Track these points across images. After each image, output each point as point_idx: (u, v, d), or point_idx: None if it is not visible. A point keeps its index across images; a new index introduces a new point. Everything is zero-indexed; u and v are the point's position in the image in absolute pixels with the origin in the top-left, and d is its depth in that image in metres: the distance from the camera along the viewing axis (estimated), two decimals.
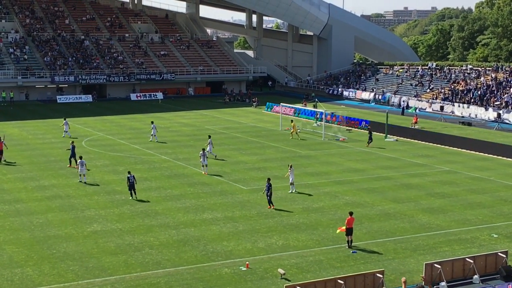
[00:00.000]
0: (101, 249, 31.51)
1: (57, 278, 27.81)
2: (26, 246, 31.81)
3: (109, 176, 46.85)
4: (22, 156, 53.57)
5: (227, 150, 56.20)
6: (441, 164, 52.57)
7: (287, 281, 27.22)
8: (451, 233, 34.57)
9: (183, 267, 29.28)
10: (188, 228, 34.81)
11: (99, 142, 60.95)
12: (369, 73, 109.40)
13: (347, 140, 63.39)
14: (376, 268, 28.39)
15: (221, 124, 66.24)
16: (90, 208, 38.50)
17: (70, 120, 69.84)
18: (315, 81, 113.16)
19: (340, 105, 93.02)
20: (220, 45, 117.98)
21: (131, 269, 28.89)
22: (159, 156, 54.37)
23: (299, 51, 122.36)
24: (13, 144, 57.73)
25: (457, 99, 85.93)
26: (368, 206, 39.71)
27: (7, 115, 79.61)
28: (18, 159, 52.31)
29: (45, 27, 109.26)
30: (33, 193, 41.93)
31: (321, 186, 44.56)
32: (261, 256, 30.73)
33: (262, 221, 36.31)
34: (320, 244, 32.60)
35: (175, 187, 43.87)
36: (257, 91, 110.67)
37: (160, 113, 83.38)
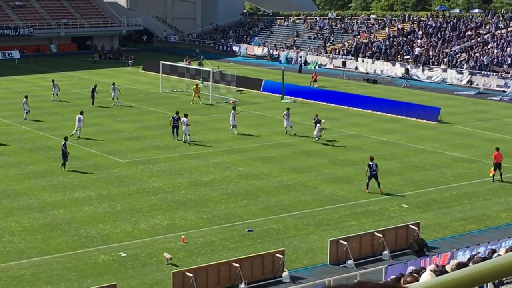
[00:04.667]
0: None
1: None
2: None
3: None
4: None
5: (99, 117, 55.46)
6: (345, 127, 53.70)
7: (174, 267, 27.27)
8: (358, 205, 35.49)
9: (52, 255, 28.83)
10: (56, 210, 34.25)
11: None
12: (261, 25, 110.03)
13: (238, 103, 63.72)
14: (275, 248, 28.79)
15: (91, 86, 65.09)
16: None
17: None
18: (200, 34, 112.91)
19: (230, 62, 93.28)
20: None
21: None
22: (18, 126, 53.10)
23: (181, 0, 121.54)
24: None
25: (360, 53, 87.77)
26: (264, 177, 40.18)
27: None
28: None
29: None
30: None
31: (210, 156, 44.72)
32: (143, 239, 30.64)
33: (143, 198, 36.17)
34: (211, 223, 32.79)
35: (38, 162, 42.96)
36: (131, 48, 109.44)
37: (17, 75, 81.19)
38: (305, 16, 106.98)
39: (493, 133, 51.74)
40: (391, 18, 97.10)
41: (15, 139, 49.03)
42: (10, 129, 52.35)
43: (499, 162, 38.69)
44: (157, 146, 47.25)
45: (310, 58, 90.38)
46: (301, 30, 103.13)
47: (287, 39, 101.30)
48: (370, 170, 36.79)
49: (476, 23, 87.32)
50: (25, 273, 27.12)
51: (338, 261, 28.25)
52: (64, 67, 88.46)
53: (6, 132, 51.29)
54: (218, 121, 55.58)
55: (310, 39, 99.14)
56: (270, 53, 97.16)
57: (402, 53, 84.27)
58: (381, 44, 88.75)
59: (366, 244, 29.15)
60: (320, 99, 65.08)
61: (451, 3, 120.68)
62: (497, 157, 38.70)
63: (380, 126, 54.16)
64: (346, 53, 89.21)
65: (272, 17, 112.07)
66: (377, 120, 56.60)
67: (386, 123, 55.66)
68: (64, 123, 54.27)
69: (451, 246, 29.11)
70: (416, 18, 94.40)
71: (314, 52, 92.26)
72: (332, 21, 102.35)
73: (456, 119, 56.65)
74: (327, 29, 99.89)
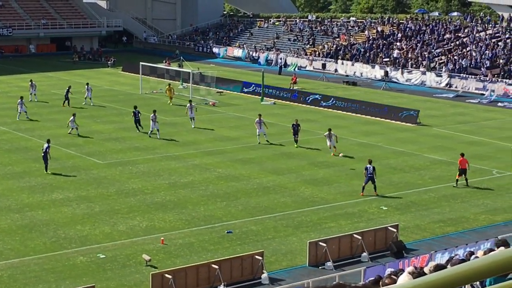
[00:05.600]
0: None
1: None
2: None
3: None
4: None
5: (78, 118, 55.14)
6: (324, 129, 53.62)
7: (153, 269, 27.20)
8: (337, 207, 35.57)
9: (30, 257, 28.68)
10: (34, 211, 34.08)
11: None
12: (241, 27, 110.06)
13: (218, 104, 63.71)
14: (254, 249, 28.80)
15: (73, 88, 64.77)
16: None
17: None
18: (180, 36, 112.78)
19: (210, 63, 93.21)
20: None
21: None
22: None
23: (160, 1, 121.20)
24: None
25: (340, 55, 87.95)
26: (244, 179, 40.18)
27: None
28: None
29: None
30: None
31: (190, 158, 44.67)
32: (122, 241, 30.55)
33: (122, 200, 36.06)
34: (190, 224, 32.74)
35: (17, 163, 42.71)
36: (111, 48, 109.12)
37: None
38: (285, 18, 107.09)
39: (472, 136, 52.00)
40: (370, 21, 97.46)
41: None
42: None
43: (464, 168, 38.57)
44: (137, 147, 47.15)
45: (290, 60, 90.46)
46: (281, 32, 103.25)
47: (267, 41, 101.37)
48: (366, 173, 36.98)
49: (455, 26, 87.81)
50: (3, 275, 26.94)
51: (317, 263, 28.29)
52: (43, 67, 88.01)
53: None
54: (197, 122, 55.46)
55: (290, 41, 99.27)
56: (250, 55, 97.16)
57: (382, 55, 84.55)
58: (360, 46, 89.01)
59: (345, 246, 29.21)
60: (300, 101, 65.05)
61: (430, 6, 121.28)
62: (462, 163, 38.50)
63: (359, 128, 54.30)
64: (326, 55, 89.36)
65: (252, 19, 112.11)
66: (356, 122, 56.74)
67: (365, 125, 55.81)
68: (42, 123, 54.06)
69: (430, 248, 29.23)
70: (396, 21, 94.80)
71: (294, 54, 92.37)
72: (312, 23, 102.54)
73: (435, 122, 56.91)
74: (307, 31, 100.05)
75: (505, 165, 43.12)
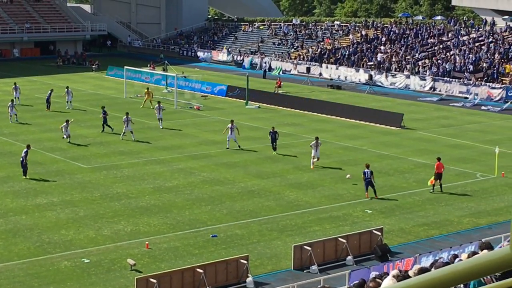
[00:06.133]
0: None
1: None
2: None
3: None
4: None
5: (62, 123, 54.94)
6: (309, 133, 53.81)
7: (138, 273, 27.14)
8: (322, 210, 35.60)
9: (14, 262, 28.54)
10: (18, 216, 33.91)
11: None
12: (225, 31, 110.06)
13: (203, 108, 63.67)
14: (239, 253, 28.79)
15: (55, 92, 64.59)
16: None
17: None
18: (164, 40, 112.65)
19: (194, 67, 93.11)
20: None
21: None
22: None
23: (144, 5, 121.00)
24: None
25: (325, 59, 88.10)
26: (228, 183, 40.16)
27: None
28: None
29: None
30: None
31: (174, 162, 44.61)
32: (106, 245, 30.46)
33: (107, 204, 35.96)
34: (175, 228, 32.70)
35: (0, 167, 42.51)
36: (95, 52, 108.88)
37: None
38: (269, 22, 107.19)
39: (455, 139, 52.18)
40: (355, 25, 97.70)
41: None
42: None
43: (440, 172, 38.54)
44: (121, 151, 47.04)
45: (275, 64, 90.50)
46: (266, 36, 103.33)
47: (251, 45, 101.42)
48: (364, 178, 37.10)
49: (438, 30, 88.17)
50: None
51: (302, 267, 28.30)
52: (27, 71, 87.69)
53: None
54: (182, 126, 55.41)
55: (274, 45, 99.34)
56: (234, 59, 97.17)
57: (366, 59, 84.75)
58: (345, 50, 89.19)
59: (329, 249, 29.24)
60: (284, 104, 65.10)
61: (414, 10, 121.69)
62: (439, 167, 38.50)
63: (344, 132, 54.39)
64: (310, 59, 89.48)
65: (237, 23, 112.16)
66: (341, 126, 56.83)
67: (350, 129, 55.90)
68: (26, 128, 53.86)
69: (414, 251, 29.29)
70: (380, 25, 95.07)
71: (279, 58, 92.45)
72: (296, 27, 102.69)
73: (419, 125, 57.08)
74: (291, 35, 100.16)
75: (489, 168, 43.27)
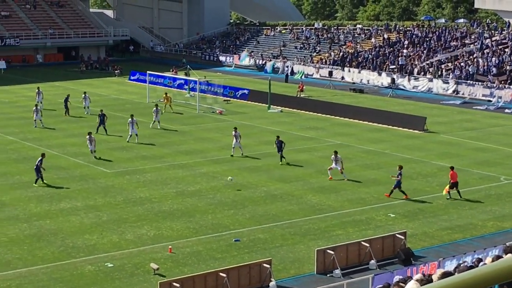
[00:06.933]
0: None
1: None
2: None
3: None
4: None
5: (86, 128, 55.25)
6: (332, 137, 53.78)
7: (161, 277, 27.20)
8: (345, 214, 35.51)
9: (38, 266, 28.69)
10: (42, 221, 34.10)
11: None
12: (247, 35, 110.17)
13: (225, 113, 63.74)
14: (262, 258, 28.74)
15: (77, 97, 64.97)
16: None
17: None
18: (187, 45, 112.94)
19: (216, 72, 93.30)
20: (73, 4, 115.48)
21: None
22: (3, 137, 52.91)
23: (167, 10, 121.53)
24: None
25: (347, 63, 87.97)
26: (251, 187, 40.15)
27: None
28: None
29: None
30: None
31: (197, 166, 44.66)
32: (130, 250, 30.54)
33: (130, 209, 36.06)
34: (198, 233, 32.72)
35: (24, 172, 42.73)
36: (118, 57, 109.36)
37: (3, 86, 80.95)
38: (291, 26, 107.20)
39: (479, 142, 51.88)
40: (377, 28, 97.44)
41: (1, 150, 48.82)
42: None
43: (455, 181, 38.09)
44: (144, 156, 47.17)
45: (297, 68, 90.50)
46: (288, 40, 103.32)
47: (273, 49, 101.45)
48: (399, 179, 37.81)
49: (461, 33, 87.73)
50: (11, 284, 26.95)
51: (325, 271, 28.24)
52: (50, 77, 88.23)
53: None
54: (204, 131, 55.51)
55: (296, 49, 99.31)
56: (256, 63, 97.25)
57: (388, 63, 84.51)
58: (367, 53, 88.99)
59: (353, 253, 29.15)
60: (307, 108, 65.04)
61: (436, 13, 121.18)
62: (454, 176, 38.08)
63: (367, 136, 54.24)
64: (332, 62, 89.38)
65: (259, 27, 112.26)
66: (363, 130, 56.68)
67: (372, 132, 55.74)
68: (50, 133, 54.17)
69: (438, 255, 29.14)
70: (402, 28, 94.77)
71: (301, 62, 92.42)
72: (318, 31, 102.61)
73: (442, 128, 56.82)
74: (313, 39, 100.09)
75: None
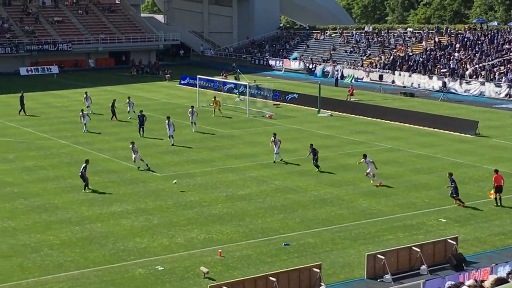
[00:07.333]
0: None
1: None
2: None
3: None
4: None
5: (136, 132, 55.74)
6: (382, 141, 53.48)
7: (211, 281, 27.28)
8: (395, 219, 35.28)
9: (90, 269, 28.99)
10: (93, 224, 34.46)
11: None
12: (297, 39, 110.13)
13: (275, 117, 63.78)
14: (312, 262, 28.70)
15: (122, 101, 65.60)
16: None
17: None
18: (236, 49, 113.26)
19: (266, 76, 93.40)
20: (125, 9, 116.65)
21: (27, 274, 28.43)
22: (56, 141, 53.59)
23: (217, 14, 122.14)
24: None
25: (397, 67, 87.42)
26: (301, 191, 40.10)
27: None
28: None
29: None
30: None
31: (247, 170, 44.75)
32: (180, 253, 30.71)
33: (180, 212, 36.26)
34: (248, 236, 32.78)
35: (76, 176, 43.06)
36: (168, 62, 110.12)
37: (56, 90, 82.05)
38: (341, 30, 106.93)
39: None
40: (428, 31, 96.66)
41: (54, 153, 49.48)
42: (48, 143, 52.84)
43: (500, 184, 37.22)
44: (194, 160, 47.41)
45: (347, 71, 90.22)
46: (338, 44, 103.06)
47: (323, 53, 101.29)
48: (454, 185, 37.60)
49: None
50: (63, 286, 27.27)
51: (376, 276, 28.08)
52: (102, 81, 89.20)
53: (44, 146, 51.77)
54: (254, 135, 55.60)
55: (346, 53, 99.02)
56: (306, 67, 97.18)
57: (439, 66, 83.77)
58: (418, 57, 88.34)
59: (403, 258, 28.95)
60: (357, 112, 64.80)
61: (489, 16, 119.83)
62: (498, 179, 37.24)
63: (418, 140, 53.83)
64: (383, 66, 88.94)
65: (309, 31, 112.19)
66: (414, 134, 56.27)
67: (424, 136, 55.30)
68: (101, 137, 54.75)
69: (490, 261, 28.79)
70: (454, 31, 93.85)
71: (351, 65, 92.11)
72: (368, 34, 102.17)
73: (495, 133, 56.13)
74: (364, 43, 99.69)
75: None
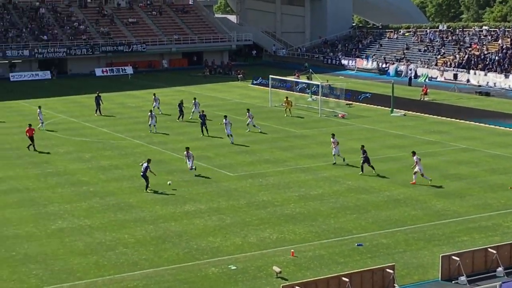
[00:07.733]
0: (68, 249, 31.50)
1: (18, 285, 27.79)
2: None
3: (74, 165, 46.80)
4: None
5: (209, 131, 56.12)
6: (457, 141, 52.81)
7: (283, 281, 27.32)
8: (470, 220, 34.80)
9: (164, 267, 29.32)
10: (167, 223, 34.84)
11: (60, 126, 60.79)
12: (370, 38, 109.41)
13: (348, 116, 63.50)
14: (385, 263, 28.53)
15: (201, 101, 66.11)
16: (53, 203, 38.43)
17: (27, 102, 69.38)
18: (309, 48, 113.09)
19: (338, 75, 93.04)
20: (198, 10, 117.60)
21: (103, 272, 28.91)
22: (131, 140, 54.32)
23: (289, 14, 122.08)
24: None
25: (472, 65, 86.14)
26: (374, 191, 39.87)
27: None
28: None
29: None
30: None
31: (320, 170, 44.67)
32: (252, 253, 30.82)
33: (253, 212, 36.39)
34: (320, 237, 32.72)
35: (150, 175, 43.71)
36: (240, 62, 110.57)
37: (130, 91, 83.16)
38: (415, 29, 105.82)
39: None
40: (504, 29, 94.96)
41: (128, 153, 50.16)
42: (123, 143, 53.58)
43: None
44: (266, 160, 47.51)
45: (420, 71, 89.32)
46: (411, 43, 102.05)
47: (396, 52, 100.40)
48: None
49: None
50: (138, 285, 27.64)
51: (450, 277, 27.75)
52: (175, 82, 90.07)
53: (120, 146, 52.52)
54: (327, 134, 55.36)
55: (420, 52, 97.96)
56: (379, 67, 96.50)
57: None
58: (493, 55, 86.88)
59: (479, 260, 28.52)
60: (431, 112, 64.10)
61: None
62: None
63: (493, 140, 52.98)
64: (457, 65, 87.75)
65: (382, 30, 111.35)
66: (490, 134, 55.39)
67: (500, 136, 54.40)
68: (174, 137, 55.26)
69: None
70: None
71: (424, 64, 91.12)
72: (443, 33, 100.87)
73: None
74: (438, 42, 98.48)
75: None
